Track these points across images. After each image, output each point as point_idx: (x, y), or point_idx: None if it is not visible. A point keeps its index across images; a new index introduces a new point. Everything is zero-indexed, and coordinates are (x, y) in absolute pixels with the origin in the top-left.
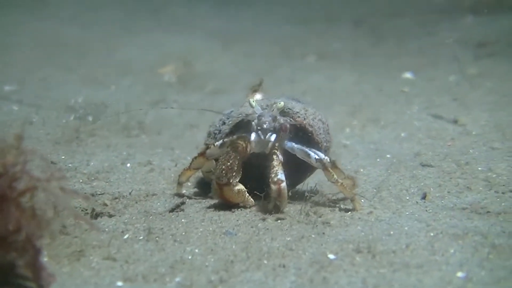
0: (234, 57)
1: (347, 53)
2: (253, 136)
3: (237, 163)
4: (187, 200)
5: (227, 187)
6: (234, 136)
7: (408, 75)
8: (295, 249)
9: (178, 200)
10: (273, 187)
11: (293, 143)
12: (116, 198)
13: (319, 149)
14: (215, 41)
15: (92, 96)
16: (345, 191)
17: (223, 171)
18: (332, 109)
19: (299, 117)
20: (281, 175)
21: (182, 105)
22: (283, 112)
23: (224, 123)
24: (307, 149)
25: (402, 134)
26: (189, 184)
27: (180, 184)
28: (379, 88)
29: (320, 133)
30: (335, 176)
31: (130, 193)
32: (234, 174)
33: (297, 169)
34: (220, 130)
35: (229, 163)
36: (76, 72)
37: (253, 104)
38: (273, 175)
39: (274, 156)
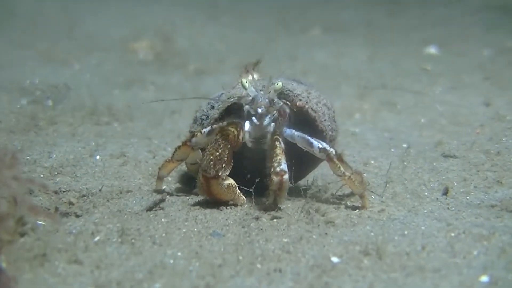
0: (222, 30)
1: (359, 24)
2: (246, 124)
3: (227, 153)
4: (168, 197)
5: (215, 181)
6: (224, 122)
7: (431, 49)
8: (293, 252)
9: (157, 197)
10: (275, 178)
11: (293, 131)
12: (84, 196)
13: (323, 139)
14: (199, 12)
15: (51, 77)
16: (353, 186)
17: (211, 162)
18: (339, 91)
19: (300, 100)
20: (284, 165)
21: (160, 88)
22: (282, 95)
23: (212, 107)
24: (309, 137)
25: (421, 120)
26: (169, 179)
27: (160, 178)
28: (396, 66)
29: (324, 120)
30: (341, 168)
31: (100, 190)
32: (223, 166)
33: (298, 161)
34: (208, 116)
35: (217, 153)
36: (32, 48)
37: (246, 85)
38: (275, 165)
39: (277, 143)
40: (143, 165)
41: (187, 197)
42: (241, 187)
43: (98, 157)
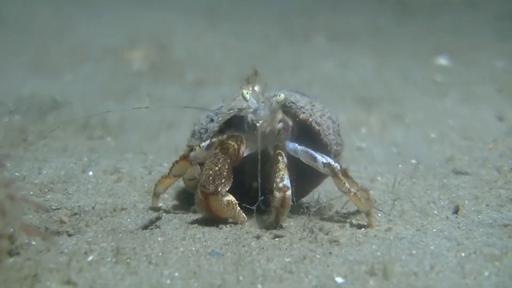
0: (221, 38)
1: (365, 32)
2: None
3: (226, 167)
4: (164, 214)
5: (214, 197)
6: (224, 136)
7: (441, 59)
8: (296, 272)
9: (153, 215)
10: (277, 194)
11: (296, 144)
12: (75, 214)
13: (328, 153)
14: (197, 19)
15: (41, 88)
16: (359, 203)
17: (210, 178)
18: (345, 103)
19: (303, 113)
20: (287, 181)
21: (156, 100)
22: (284, 107)
23: (212, 121)
24: (312, 152)
25: (431, 135)
26: (166, 196)
27: (156, 195)
28: (404, 77)
29: (329, 134)
30: (346, 184)
31: (93, 208)
32: (223, 181)
33: (301, 177)
34: (207, 129)
35: (217, 168)
36: (20, 56)
37: (247, 96)
38: (278, 180)
39: (279, 158)
40: (138, 182)
41: (185, 215)
42: (242, 204)
43: (90, 173)
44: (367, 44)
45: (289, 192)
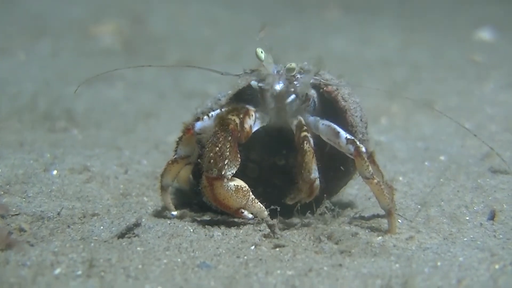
0: (210, 10)
1: (389, 1)
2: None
3: (228, 146)
4: (144, 221)
5: (219, 183)
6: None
7: (484, 33)
8: (300, 287)
9: (130, 222)
10: (304, 186)
11: (318, 118)
12: (38, 221)
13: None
14: None
15: None
16: (381, 196)
17: (211, 160)
18: (362, 88)
19: (329, 85)
20: (315, 173)
21: (131, 85)
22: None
23: (219, 100)
24: (336, 126)
25: (466, 126)
26: (145, 199)
27: (164, 189)
28: (435, 56)
29: (355, 115)
30: (370, 168)
31: (58, 213)
32: (226, 162)
33: (330, 169)
34: (213, 110)
35: (217, 148)
36: None
37: (262, 55)
38: (305, 172)
39: (306, 145)
40: (112, 182)
41: (168, 221)
42: (260, 201)
43: (54, 172)
44: (391, 16)
45: (317, 182)
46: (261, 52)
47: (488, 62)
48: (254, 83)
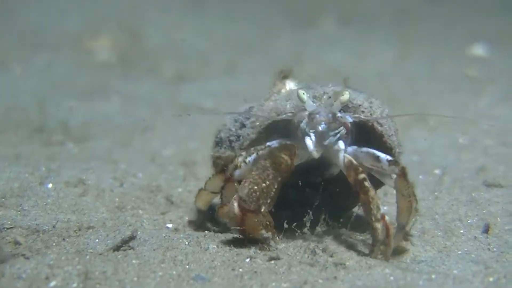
0: (205, 22)
1: (385, 14)
2: (309, 143)
3: (276, 186)
4: (139, 234)
5: (253, 216)
6: (275, 144)
7: (478, 49)
8: None
9: (125, 235)
10: (378, 226)
11: (356, 147)
12: (33, 234)
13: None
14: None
15: None
16: (406, 213)
17: (254, 194)
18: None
19: (363, 111)
20: (383, 209)
21: (127, 98)
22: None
23: (243, 125)
24: (374, 150)
25: (460, 140)
26: (140, 212)
27: (200, 211)
28: (431, 69)
29: (391, 134)
30: (410, 188)
31: (54, 226)
32: (268, 201)
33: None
34: (239, 136)
35: (264, 185)
36: None
37: (304, 97)
38: (374, 210)
39: (366, 183)
40: (107, 195)
41: (163, 234)
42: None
43: (50, 185)
44: (387, 29)
45: (389, 218)
46: (303, 93)
47: (482, 76)
48: (303, 125)
